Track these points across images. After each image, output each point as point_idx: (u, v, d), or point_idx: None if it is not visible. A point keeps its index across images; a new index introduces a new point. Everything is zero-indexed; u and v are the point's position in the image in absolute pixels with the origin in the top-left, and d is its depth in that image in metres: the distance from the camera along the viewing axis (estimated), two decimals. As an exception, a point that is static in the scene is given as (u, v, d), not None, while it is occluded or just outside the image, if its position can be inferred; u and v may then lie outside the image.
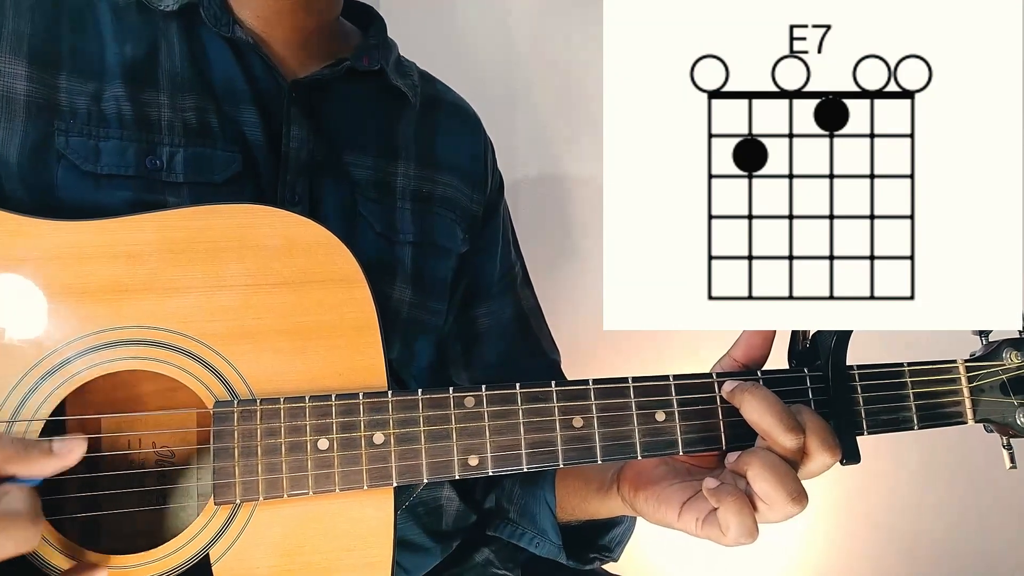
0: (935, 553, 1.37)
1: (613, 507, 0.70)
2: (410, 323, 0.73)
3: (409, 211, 0.74)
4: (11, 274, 0.55)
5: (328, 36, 0.74)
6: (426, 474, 0.56)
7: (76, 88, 0.63)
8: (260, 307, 0.57)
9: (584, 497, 0.73)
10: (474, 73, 1.30)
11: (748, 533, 0.55)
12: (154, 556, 0.54)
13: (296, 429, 0.55)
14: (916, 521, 1.38)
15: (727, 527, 0.55)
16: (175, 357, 0.56)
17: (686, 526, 0.60)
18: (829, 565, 1.37)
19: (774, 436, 0.56)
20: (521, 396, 0.58)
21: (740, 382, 0.59)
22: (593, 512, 0.73)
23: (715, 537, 0.58)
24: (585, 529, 0.76)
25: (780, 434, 0.55)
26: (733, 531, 0.55)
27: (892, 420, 0.62)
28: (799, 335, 0.64)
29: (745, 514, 0.55)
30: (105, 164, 0.62)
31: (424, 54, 0.86)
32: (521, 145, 1.35)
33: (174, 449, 0.61)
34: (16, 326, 0.54)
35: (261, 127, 0.67)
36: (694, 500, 0.60)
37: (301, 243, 0.58)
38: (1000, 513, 1.36)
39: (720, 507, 0.56)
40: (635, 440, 0.59)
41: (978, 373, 0.64)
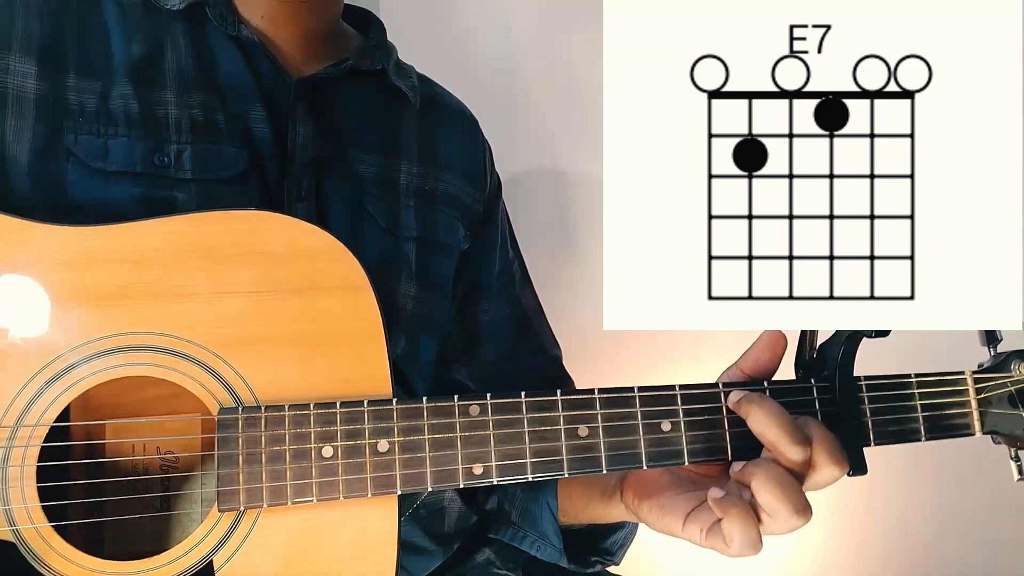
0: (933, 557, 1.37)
1: (616, 513, 0.69)
2: (415, 319, 0.74)
3: (413, 208, 0.75)
4: (17, 278, 0.55)
5: (330, 37, 0.75)
6: (430, 482, 0.56)
7: (84, 87, 0.63)
8: (265, 314, 0.57)
9: (586, 503, 0.73)
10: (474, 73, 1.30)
11: (752, 545, 0.55)
12: (157, 563, 0.54)
13: (300, 436, 0.55)
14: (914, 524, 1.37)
15: (731, 539, 0.55)
16: (180, 363, 0.56)
17: (690, 536, 0.60)
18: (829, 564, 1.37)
19: (780, 448, 0.55)
20: (526, 405, 0.58)
21: (747, 393, 0.59)
22: (596, 518, 0.73)
23: (719, 548, 0.57)
24: (587, 532, 0.76)
25: (786, 446, 0.55)
26: (737, 543, 0.55)
27: (899, 432, 0.62)
28: (806, 345, 0.63)
29: (750, 526, 0.55)
30: (114, 161, 0.63)
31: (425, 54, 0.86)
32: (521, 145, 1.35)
33: (178, 455, 0.61)
34: (21, 331, 0.54)
35: (268, 124, 0.68)
36: (699, 510, 0.59)
37: (307, 250, 0.58)
38: (997, 516, 1.36)
39: (724, 519, 0.55)
40: (640, 450, 0.58)
41: (986, 384, 0.64)
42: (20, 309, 0.54)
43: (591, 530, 0.76)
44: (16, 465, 0.53)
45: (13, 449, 0.53)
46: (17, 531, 0.53)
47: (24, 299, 0.55)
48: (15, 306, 0.54)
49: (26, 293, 0.55)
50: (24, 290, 0.55)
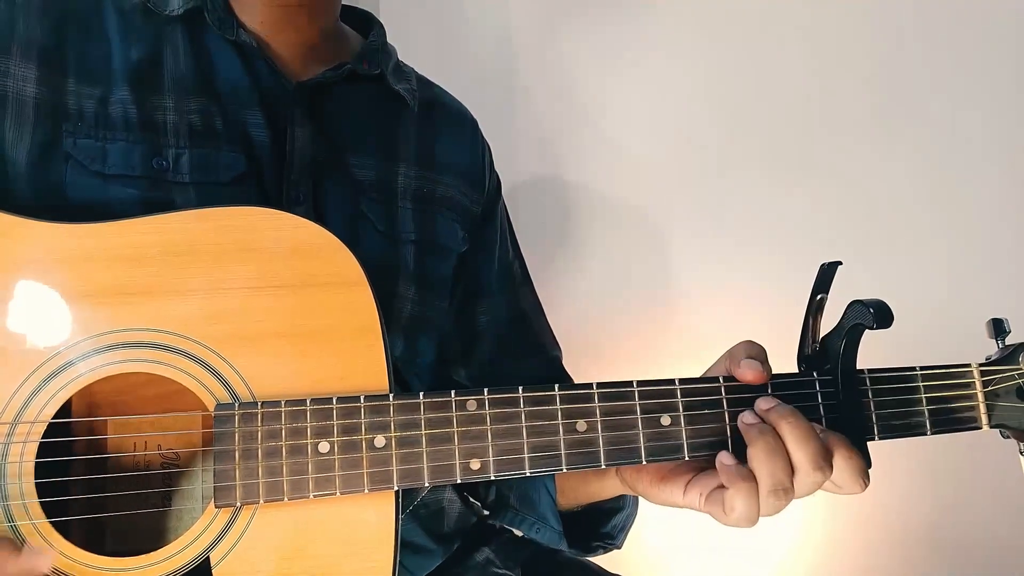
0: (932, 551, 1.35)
1: (611, 488, 0.70)
2: (413, 321, 0.74)
3: (411, 211, 0.75)
4: (14, 276, 0.55)
5: (328, 40, 0.75)
6: (427, 478, 0.56)
7: (84, 91, 0.63)
8: (262, 310, 0.57)
9: (583, 479, 0.74)
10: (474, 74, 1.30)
11: (750, 519, 0.55)
12: (155, 559, 0.54)
13: (297, 432, 0.55)
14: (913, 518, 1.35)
15: (732, 509, 0.55)
16: (177, 360, 0.56)
17: (691, 502, 0.60)
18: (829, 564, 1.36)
19: (802, 471, 0.55)
20: (524, 399, 0.57)
21: (778, 404, 0.58)
22: (593, 494, 0.74)
23: (716, 515, 0.58)
24: (587, 517, 0.77)
25: (809, 470, 0.55)
26: (737, 514, 0.55)
27: (904, 425, 0.61)
28: (808, 338, 0.63)
29: (752, 500, 0.55)
30: (112, 165, 0.63)
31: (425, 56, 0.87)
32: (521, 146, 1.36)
33: (178, 451, 0.61)
34: (19, 328, 0.55)
35: (266, 128, 0.68)
36: (700, 476, 0.60)
37: (303, 246, 0.58)
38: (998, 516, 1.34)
39: (731, 489, 0.56)
40: (640, 444, 0.58)
41: (993, 377, 0.63)
42: (18, 306, 0.55)
43: (591, 515, 0.76)
44: (14, 461, 0.53)
45: (11, 445, 0.53)
46: (14, 527, 0.53)
47: (22, 296, 0.55)
48: (13, 303, 0.55)
49: (24, 290, 0.55)
50: (21, 287, 0.55)
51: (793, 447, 0.55)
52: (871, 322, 0.57)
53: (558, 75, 1.35)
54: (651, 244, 1.37)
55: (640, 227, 1.37)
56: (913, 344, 0.82)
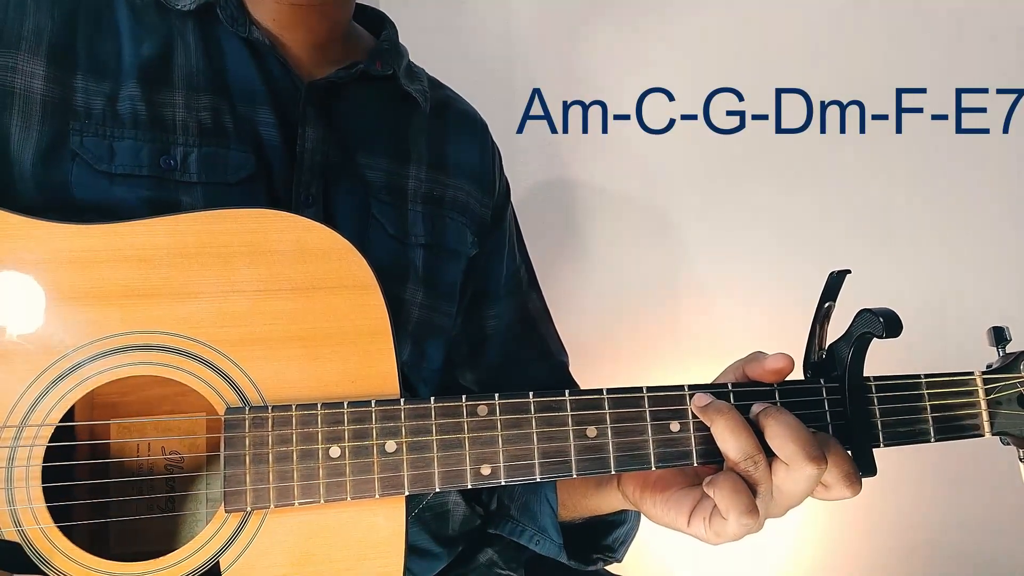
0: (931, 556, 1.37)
1: (613, 502, 0.70)
2: (421, 325, 0.73)
3: (421, 214, 0.74)
4: (23, 277, 0.54)
5: (341, 40, 0.74)
6: (438, 483, 0.56)
7: (92, 88, 0.62)
8: (272, 313, 0.57)
9: (584, 492, 0.73)
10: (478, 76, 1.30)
11: (746, 511, 0.55)
12: (163, 564, 0.54)
13: (308, 437, 0.55)
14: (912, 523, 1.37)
15: (726, 511, 0.55)
16: (186, 362, 0.55)
17: (696, 531, 0.59)
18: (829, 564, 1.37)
19: (795, 464, 0.55)
20: (534, 405, 0.57)
21: (767, 405, 0.58)
22: (594, 508, 0.73)
23: (721, 529, 0.57)
24: (588, 530, 0.76)
25: (801, 462, 0.54)
26: (732, 512, 0.55)
27: (909, 432, 0.62)
28: (815, 345, 0.63)
29: (740, 491, 0.55)
30: (119, 164, 0.62)
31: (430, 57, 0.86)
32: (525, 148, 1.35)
33: (184, 455, 0.61)
34: (27, 329, 0.54)
35: (276, 127, 0.67)
36: (701, 504, 0.59)
37: (314, 249, 0.58)
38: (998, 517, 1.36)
39: (716, 492, 0.55)
40: (649, 451, 0.58)
41: (995, 385, 0.64)
42: (26, 307, 0.54)
43: (592, 527, 0.76)
44: (21, 465, 0.53)
45: (18, 449, 0.53)
46: (22, 531, 0.52)
47: (30, 297, 0.54)
48: (21, 304, 0.54)
49: (32, 291, 0.54)
50: (30, 288, 0.54)
51: (783, 441, 0.55)
52: (880, 331, 0.58)
53: (562, 78, 1.35)
54: (658, 248, 1.37)
55: (647, 230, 1.37)
56: (907, 350, 0.83)
